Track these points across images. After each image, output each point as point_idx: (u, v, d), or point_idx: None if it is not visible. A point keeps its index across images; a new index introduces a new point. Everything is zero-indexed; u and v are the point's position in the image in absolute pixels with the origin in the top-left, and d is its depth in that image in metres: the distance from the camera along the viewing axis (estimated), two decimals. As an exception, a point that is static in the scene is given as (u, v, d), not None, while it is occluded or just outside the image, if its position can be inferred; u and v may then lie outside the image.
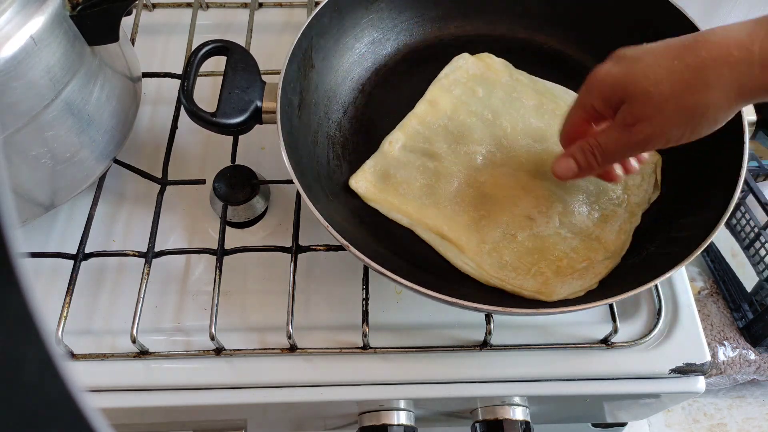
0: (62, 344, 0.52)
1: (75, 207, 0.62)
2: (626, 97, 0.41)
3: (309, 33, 0.58)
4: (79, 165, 0.54)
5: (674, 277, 0.59)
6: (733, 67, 0.37)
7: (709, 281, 1.35)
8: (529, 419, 0.55)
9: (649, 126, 0.40)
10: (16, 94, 0.47)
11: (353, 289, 0.56)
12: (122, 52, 0.59)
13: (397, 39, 0.66)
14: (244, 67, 0.55)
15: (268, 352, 0.54)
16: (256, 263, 0.59)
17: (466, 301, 0.45)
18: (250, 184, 0.60)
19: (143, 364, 0.53)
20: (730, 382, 1.32)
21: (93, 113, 0.53)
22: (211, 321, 0.51)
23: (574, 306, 0.47)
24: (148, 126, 0.68)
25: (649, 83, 0.39)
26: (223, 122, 0.52)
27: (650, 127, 0.40)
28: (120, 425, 0.57)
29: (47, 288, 0.56)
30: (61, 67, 0.49)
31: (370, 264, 0.46)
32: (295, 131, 0.55)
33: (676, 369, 0.54)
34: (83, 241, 0.56)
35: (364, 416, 0.56)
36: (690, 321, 0.56)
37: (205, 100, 0.54)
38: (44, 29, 0.46)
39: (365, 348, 0.53)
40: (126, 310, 0.54)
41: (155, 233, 0.57)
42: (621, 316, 0.55)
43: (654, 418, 1.36)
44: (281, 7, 0.78)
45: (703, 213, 0.50)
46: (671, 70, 0.39)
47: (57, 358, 0.16)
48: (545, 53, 0.66)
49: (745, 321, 1.28)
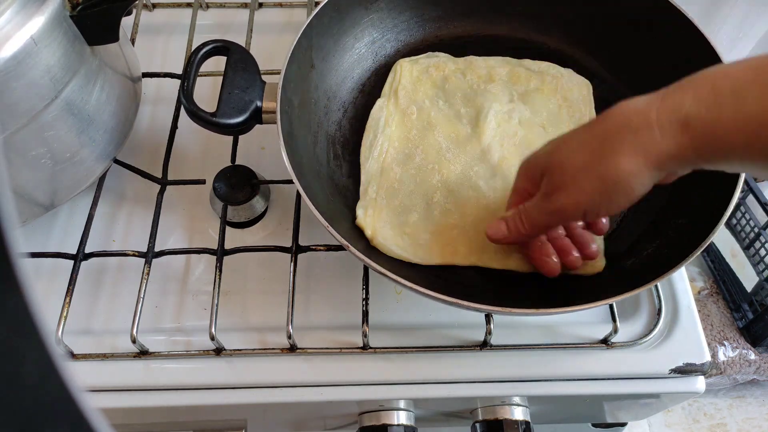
0: (62, 344, 0.52)
1: (75, 207, 0.62)
2: (545, 171, 0.44)
3: (309, 33, 0.58)
4: (79, 165, 0.54)
5: (674, 277, 0.59)
6: (635, 133, 0.38)
7: (709, 281, 1.35)
8: (529, 419, 0.55)
9: (565, 195, 0.42)
10: (16, 94, 0.47)
11: (353, 289, 0.56)
12: (122, 52, 0.59)
13: (397, 39, 0.66)
14: (244, 67, 0.55)
15: (268, 352, 0.54)
16: (256, 263, 0.59)
17: (466, 301, 0.45)
18: (250, 184, 0.60)
19: (143, 364, 0.53)
20: (730, 382, 1.32)
21: (93, 113, 0.53)
22: (211, 321, 0.51)
23: (574, 306, 0.47)
24: (148, 126, 0.68)
25: (563, 156, 0.42)
26: (223, 122, 0.52)
27: (566, 197, 0.42)
28: (120, 425, 0.57)
29: (47, 288, 0.56)
30: (61, 67, 0.49)
31: (370, 264, 0.46)
32: (295, 131, 0.55)
33: (676, 369, 0.54)
34: (83, 241, 0.56)
35: (364, 416, 0.56)
36: (690, 321, 0.56)
37: (205, 100, 0.54)
38: (44, 29, 0.46)
39: (365, 348, 0.53)
40: (126, 310, 0.54)
41: (155, 233, 0.57)
42: (621, 316, 0.55)
43: (654, 418, 1.36)
44: (281, 7, 0.78)
45: (703, 213, 0.50)
46: (582, 142, 0.41)
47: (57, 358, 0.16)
48: (545, 53, 0.66)
49: (745, 321, 1.28)
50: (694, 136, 0.37)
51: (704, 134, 0.36)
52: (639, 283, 0.46)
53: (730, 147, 0.36)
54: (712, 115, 0.36)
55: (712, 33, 1.07)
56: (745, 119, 0.35)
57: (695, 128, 0.36)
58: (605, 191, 0.40)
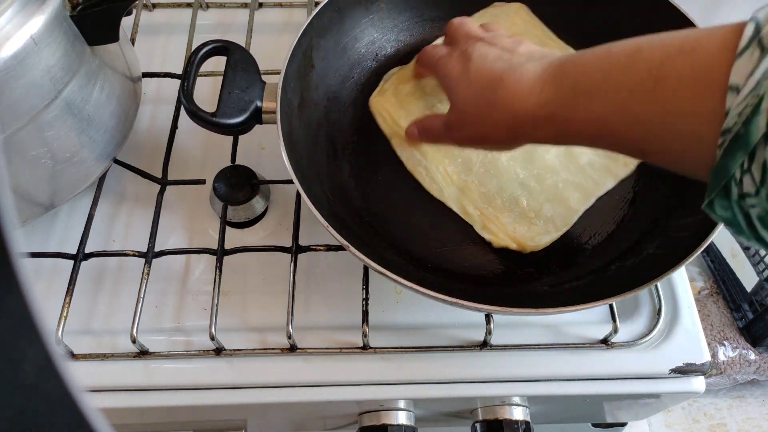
0: (62, 344, 0.52)
1: (75, 207, 0.62)
2: (451, 102, 0.50)
3: (309, 33, 0.58)
4: (79, 165, 0.54)
5: (674, 277, 0.59)
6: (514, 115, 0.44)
7: (709, 281, 1.35)
8: (529, 419, 0.55)
9: (458, 132, 0.50)
10: (16, 94, 0.47)
11: (353, 289, 0.56)
12: (122, 52, 0.59)
13: (397, 39, 0.66)
14: (244, 67, 0.55)
15: (268, 352, 0.54)
16: (256, 263, 0.59)
17: (466, 301, 0.45)
18: (250, 184, 0.60)
19: (143, 364, 0.53)
20: (730, 382, 1.32)
21: (93, 113, 0.53)
22: (211, 321, 0.51)
23: (574, 306, 0.47)
24: (148, 126, 0.68)
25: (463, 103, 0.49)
26: (223, 122, 0.52)
27: (458, 133, 0.50)
28: (120, 425, 0.57)
29: (47, 288, 0.56)
30: (61, 67, 0.49)
31: (370, 264, 0.46)
32: (295, 131, 0.55)
33: (676, 369, 0.54)
34: (83, 241, 0.56)
35: (364, 416, 0.56)
36: (690, 321, 0.56)
37: (205, 100, 0.54)
38: (44, 29, 0.46)
39: (365, 348, 0.53)
40: (126, 310, 0.54)
41: (155, 233, 0.57)
42: (621, 316, 0.55)
43: (654, 418, 1.36)
44: (281, 7, 0.78)
45: (703, 213, 0.50)
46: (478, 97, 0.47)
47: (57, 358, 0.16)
48: (545, 53, 0.66)
49: (745, 321, 1.28)
50: (555, 128, 0.42)
51: (562, 127, 0.42)
52: (639, 283, 0.46)
53: (581, 139, 0.42)
54: (568, 113, 0.41)
55: (712, 33, 1.07)
56: (591, 119, 0.39)
57: (556, 122, 0.42)
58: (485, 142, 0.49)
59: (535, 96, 0.43)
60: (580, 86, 0.40)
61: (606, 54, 0.39)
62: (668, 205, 0.56)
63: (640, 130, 0.37)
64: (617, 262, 0.54)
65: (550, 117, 0.42)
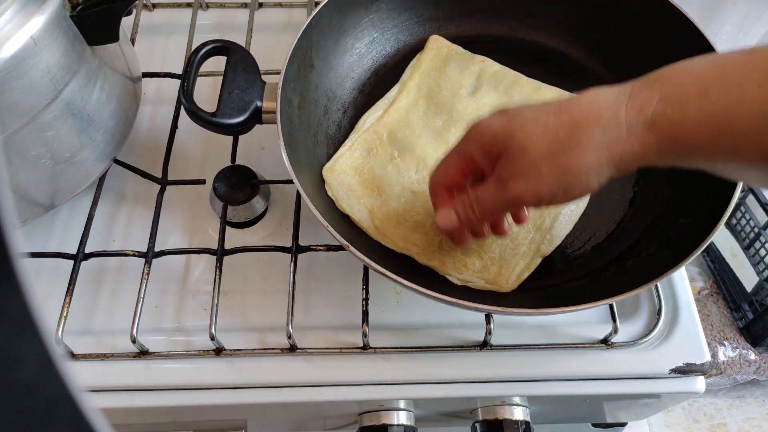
0: (62, 344, 0.52)
1: (75, 207, 0.62)
2: (504, 151, 0.41)
3: (309, 33, 0.58)
4: (79, 165, 0.54)
5: (674, 277, 0.59)
6: (603, 129, 0.38)
7: (709, 281, 1.35)
8: (529, 419, 0.55)
9: (523, 183, 0.40)
10: (16, 94, 0.47)
11: (353, 289, 0.56)
12: (122, 52, 0.59)
13: (397, 39, 0.66)
14: (244, 67, 0.55)
15: (268, 352, 0.54)
16: (256, 263, 0.59)
17: (466, 301, 0.45)
18: (250, 184, 0.60)
19: (143, 364, 0.53)
20: (730, 382, 1.32)
21: (93, 113, 0.53)
22: (211, 321, 0.51)
23: (574, 306, 0.47)
24: (148, 126, 0.68)
25: (525, 138, 0.40)
26: (223, 122, 0.52)
27: (524, 184, 0.40)
28: (120, 425, 0.57)
29: (47, 288, 0.56)
30: (61, 67, 0.49)
31: (370, 264, 0.46)
32: (295, 131, 0.55)
33: (676, 369, 0.54)
34: (83, 241, 0.56)
35: (364, 416, 0.56)
36: (690, 321, 0.56)
37: (205, 100, 0.54)
38: (44, 29, 0.46)
39: (365, 348, 0.53)
40: (126, 310, 0.54)
41: (155, 233, 0.57)
42: (621, 316, 0.55)
43: (654, 418, 1.36)
44: (281, 7, 0.78)
45: (703, 213, 0.50)
46: (547, 127, 0.39)
47: (57, 358, 0.16)
48: (545, 54, 0.66)
49: (745, 321, 1.28)
50: (659, 135, 0.37)
51: (669, 133, 0.37)
52: (639, 283, 0.46)
53: (694, 145, 0.36)
54: (677, 114, 0.36)
55: (712, 33, 1.08)
56: (709, 118, 0.35)
57: (661, 127, 0.37)
58: (564, 183, 0.40)
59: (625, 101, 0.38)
60: (688, 86, 0.36)
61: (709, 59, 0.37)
62: (668, 205, 0.56)
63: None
64: (617, 262, 0.54)
65: (651, 122, 0.37)
